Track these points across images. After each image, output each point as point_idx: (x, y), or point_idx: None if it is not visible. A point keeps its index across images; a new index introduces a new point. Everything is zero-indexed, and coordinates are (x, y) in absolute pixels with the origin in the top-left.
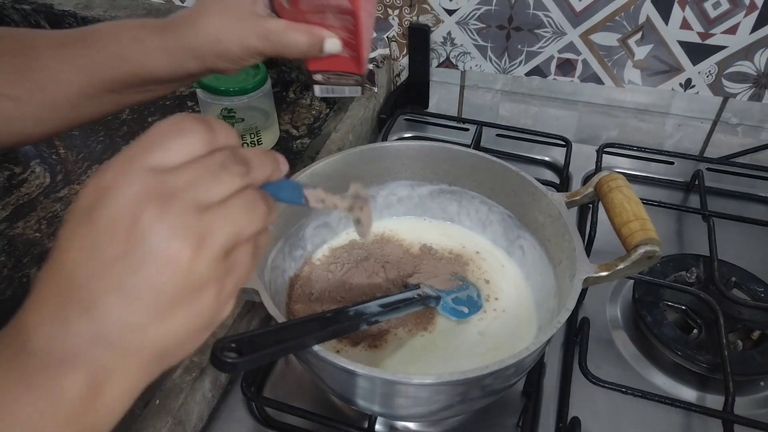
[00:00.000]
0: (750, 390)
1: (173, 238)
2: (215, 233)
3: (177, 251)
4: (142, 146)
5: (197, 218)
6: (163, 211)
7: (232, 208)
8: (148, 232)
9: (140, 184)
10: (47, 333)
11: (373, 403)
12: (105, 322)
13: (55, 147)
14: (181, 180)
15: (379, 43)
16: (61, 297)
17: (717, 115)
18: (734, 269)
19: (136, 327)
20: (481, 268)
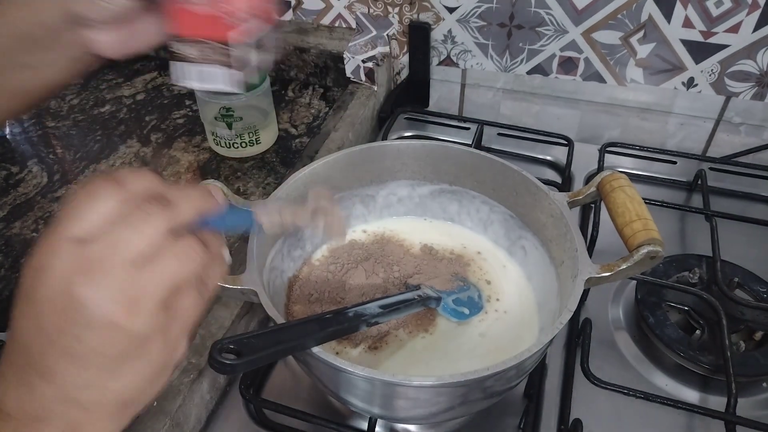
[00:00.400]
0: (752, 391)
1: (105, 302)
2: (148, 289)
3: (110, 314)
4: (61, 220)
5: (127, 278)
6: (90, 279)
7: (163, 260)
8: (82, 302)
9: (65, 259)
10: (16, 397)
11: (372, 405)
12: (64, 384)
13: (53, 147)
14: (102, 244)
15: (379, 41)
16: (21, 367)
17: (720, 114)
18: (737, 269)
19: (93, 385)
20: (482, 269)
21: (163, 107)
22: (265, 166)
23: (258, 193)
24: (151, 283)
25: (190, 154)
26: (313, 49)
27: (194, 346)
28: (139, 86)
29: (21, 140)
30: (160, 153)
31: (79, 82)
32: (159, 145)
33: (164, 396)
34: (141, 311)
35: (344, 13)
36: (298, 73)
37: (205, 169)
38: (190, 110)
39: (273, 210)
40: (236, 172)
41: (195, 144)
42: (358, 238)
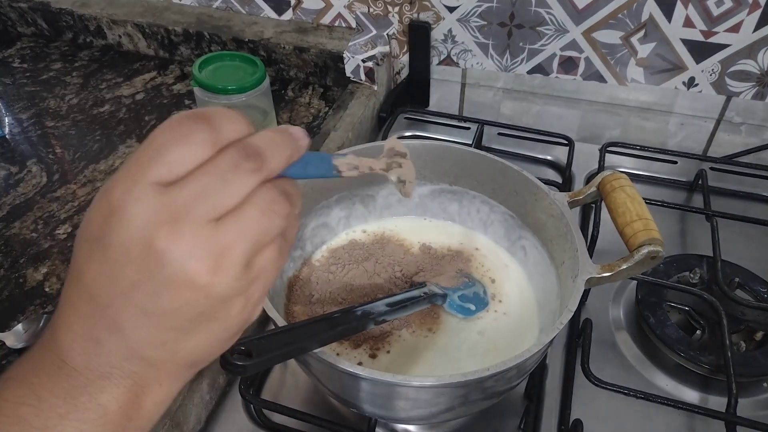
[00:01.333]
0: (753, 391)
1: (188, 260)
2: (233, 248)
3: (194, 274)
4: (142, 160)
5: (212, 234)
6: (174, 233)
7: (249, 216)
8: (163, 257)
9: (147, 206)
10: (82, 352)
11: (372, 405)
12: (133, 340)
13: (52, 146)
14: (188, 194)
15: (379, 40)
16: (88, 319)
17: (720, 114)
18: (737, 270)
19: (164, 345)
20: (484, 266)
21: (162, 107)
22: None
23: None
24: (237, 240)
25: None
26: (312, 49)
27: None
28: (139, 86)
29: (20, 140)
30: None
31: (78, 82)
32: None
33: None
34: (225, 272)
35: (344, 13)
36: (298, 73)
37: None
38: (190, 110)
39: (350, 156)
40: None
41: None
42: (358, 238)
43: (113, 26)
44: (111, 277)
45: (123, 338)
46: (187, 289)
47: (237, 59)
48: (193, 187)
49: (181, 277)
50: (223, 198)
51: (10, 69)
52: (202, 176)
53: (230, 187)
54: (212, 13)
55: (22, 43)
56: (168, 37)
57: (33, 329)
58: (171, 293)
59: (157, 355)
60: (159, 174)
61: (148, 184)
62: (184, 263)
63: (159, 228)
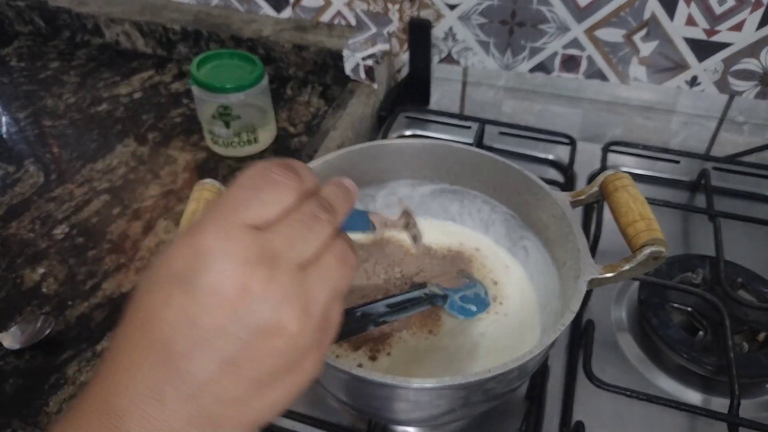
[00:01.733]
0: (756, 392)
1: (282, 306)
2: (317, 297)
3: (286, 321)
4: (232, 203)
5: (299, 282)
6: (271, 277)
7: (328, 265)
8: (256, 303)
9: (243, 247)
10: (140, 416)
11: (372, 407)
12: (204, 399)
13: (49, 146)
14: (280, 239)
15: (379, 38)
16: (155, 370)
17: (723, 113)
18: (740, 270)
19: (236, 402)
20: (486, 267)
21: (160, 106)
22: None
23: None
24: (320, 290)
25: (187, 153)
26: (312, 47)
27: None
28: (136, 85)
29: (17, 139)
30: (157, 152)
31: (76, 81)
32: (156, 144)
33: None
34: (311, 321)
35: (344, 11)
36: (297, 71)
37: (203, 168)
38: (188, 109)
39: (379, 215)
40: (234, 172)
41: (192, 143)
42: (358, 238)
43: (111, 24)
44: (193, 322)
45: (191, 398)
46: (276, 337)
47: (235, 57)
48: (285, 233)
49: (273, 324)
50: (308, 246)
51: (7, 68)
52: (292, 223)
53: (314, 236)
54: (210, 11)
55: (19, 41)
56: (166, 36)
57: (30, 330)
58: (259, 340)
59: (225, 413)
60: (251, 216)
61: (241, 226)
62: (278, 309)
63: (256, 270)
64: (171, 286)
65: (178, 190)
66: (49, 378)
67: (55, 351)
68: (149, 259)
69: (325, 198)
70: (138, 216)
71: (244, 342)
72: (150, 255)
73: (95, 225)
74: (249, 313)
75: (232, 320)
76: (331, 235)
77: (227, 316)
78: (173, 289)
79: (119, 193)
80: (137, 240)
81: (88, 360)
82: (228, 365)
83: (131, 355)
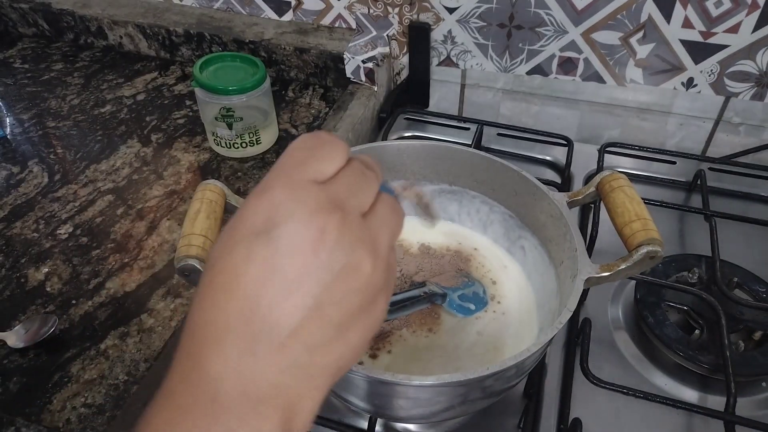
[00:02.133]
0: (751, 391)
1: (356, 248)
2: (381, 239)
3: (360, 261)
4: (293, 163)
5: (366, 227)
6: (342, 220)
7: (384, 214)
8: (335, 246)
9: (314, 198)
10: (237, 377)
11: (372, 404)
12: (293, 349)
13: (53, 147)
14: (344, 190)
15: (379, 41)
16: (244, 329)
17: (719, 114)
18: (736, 269)
19: (322, 347)
20: (484, 266)
21: (163, 107)
22: (265, 166)
23: None
24: (383, 233)
25: (190, 155)
26: (313, 50)
27: None
28: (140, 86)
29: (22, 140)
30: (160, 153)
31: (79, 82)
32: (159, 146)
33: None
34: (381, 261)
35: (344, 14)
36: (299, 74)
37: (206, 169)
38: (191, 110)
39: (397, 186)
40: (236, 173)
41: (195, 144)
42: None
43: (114, 27)
44: (277, 271)
45: (282, 345)
46: (353, 278)
47: (238, 60)
48: (345, 184)
49: (352, 265)
50: (366, 196)
51: (11, 69)
52: (348, 177)
53: (368, 187)
54: (213, 14)
55: (23, 43)
56: (169, 38)
57: (34, 329)
58: (339, 282)
59: (312, 364)
60: (312, 173)
61: (305, 181)
62: (353, 250)
63: (329, 215)
64: (251, 241)
65: (182, 191)
66: (52, 376)
67: (58, 350)
68: (153, 258)
69: (364, 160)
70: (141, 216)
71: (326, 284)
72: (153, 255)
73: (99, 225)
74: (328, 255)
75: (314, 263)
76: (378, 188)
77: (309, 260)
78: (254, 244)
79: (123, 194)
80: (141, 240)
81: (91, 358)
82: (313, 310)
83: (218, 320)
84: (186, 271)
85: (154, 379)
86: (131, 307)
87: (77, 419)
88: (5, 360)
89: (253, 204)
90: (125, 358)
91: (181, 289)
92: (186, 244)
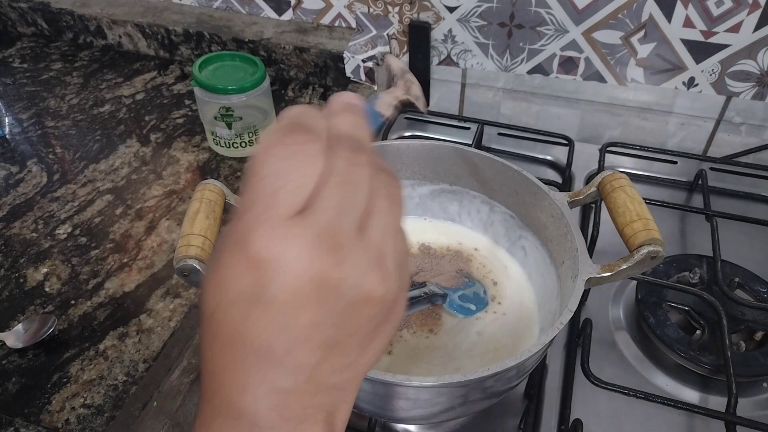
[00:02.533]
0: (753, 391)
1: (362, 279)
2: (385, 249)
3: (371, 290)
4: (263, 196)
5: (365, 246)
6: (340, 260)
7: (382, 212)
8: (340, 288)
9: (300, 240)
10: (271, 407)
11: (372, 405)
12: (320, 374)
13: (52, 146)
14: (330, 212)
15: (379, 40)
16: (266, 374)
17: (720, 114)
18: (737, 270)
19: (349, 365)
20: (485, 267)
21: (162, 107)
22: None
23: None
24: (385, 240)
25: (189, 154)
26: (313, 49)
27: (194, 346)
28: (139, 86)
29: (21, 140)
30: (159, 153)
31: (78, 82)
32: (158, 145)
33: (164, 396)
34: (388, 275)
35: (344, 13)
36: (298, 73)
37: (205, 169)
38: (190, 110)
39: (382, 96)
40: (236, 172)
41: (194, 144)
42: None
43: (113, 26)
44: (284, 327)
45: (310, 378)
46: (367, 307)
47: (237, 59)
48: (330, 203)
49: (362, 298)
50: (357, 203)
51: (10, 69)
52: (333, 189)
53: (358, 189)
54: (212, 13)
55: (22, 43)
56: (168, 37)
57: (33, 329)
58: (353, 318)
59: (343, 377)
60: (290, 204)
61: (285, 220)
62: (360, 284)
63: (324, 260)
64: (244, 307)
65: (181, 191)
66: (51, 377)
67: (57, 350)
68: (152, 258)
69: (349, 136)
70: (140, 216)
71: (339, 324)
72: (152, 255)
73: (98, 225)
74: (334, 300)
75: (321, 313)
76: (371, 174)
77: (316, 311)
78: (249, 309)
79: (122, 194)
80: (140, 240)
81: (90, 359)
82: (331, 347)
83: (233, 371)
84: (185, 272)
85: (153, 379)
86: (130, 307)
87: (76, 420)
88: (4, 360)
89: (234, 264)
90: (124, 359)
91: (181, 290)
92: (185, 244)
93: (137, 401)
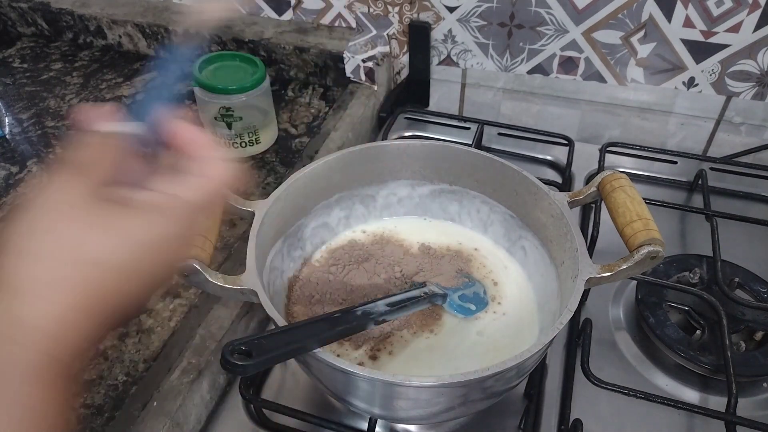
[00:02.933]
0: (753, 391)
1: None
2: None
3: None
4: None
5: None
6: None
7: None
8: None
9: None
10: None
11: (372, 405)
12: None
13: (52, 146)
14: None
15: (379, 40)
16: None
17: (720, 114)
18: (737, 270)
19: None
20: (485, 267)
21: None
22: (264, 166)
23: (258, 193)
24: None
25: None
26: (312, 49)
27: (194, 346)
28: (139, 86)
29: (21, 140)
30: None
31: (78, 82)
32: None
33: (164, 396)
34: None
35: (344, 13)
36: (298, 73)
37: None
38: (190, 110)
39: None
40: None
41: None
42: (358, 238)
43: (113, 26)
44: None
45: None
46: None
47: (237, 59)
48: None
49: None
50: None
51: (10, 69)
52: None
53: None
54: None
55: (22, 43)
56: (168, 37)
57: None
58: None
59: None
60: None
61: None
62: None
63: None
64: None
65: None
66: None
67: None
68: None
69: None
70: None
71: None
72: None
73: None
74: None
75: None
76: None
77: None
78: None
79: None
80: None
81: (90, 359)
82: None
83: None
84: (185, 272)
85: (153, 379)
86: None
87: (76, 420)
88: None
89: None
90: (124, 359)
91: (181, 290)
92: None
93: (137, 401)
